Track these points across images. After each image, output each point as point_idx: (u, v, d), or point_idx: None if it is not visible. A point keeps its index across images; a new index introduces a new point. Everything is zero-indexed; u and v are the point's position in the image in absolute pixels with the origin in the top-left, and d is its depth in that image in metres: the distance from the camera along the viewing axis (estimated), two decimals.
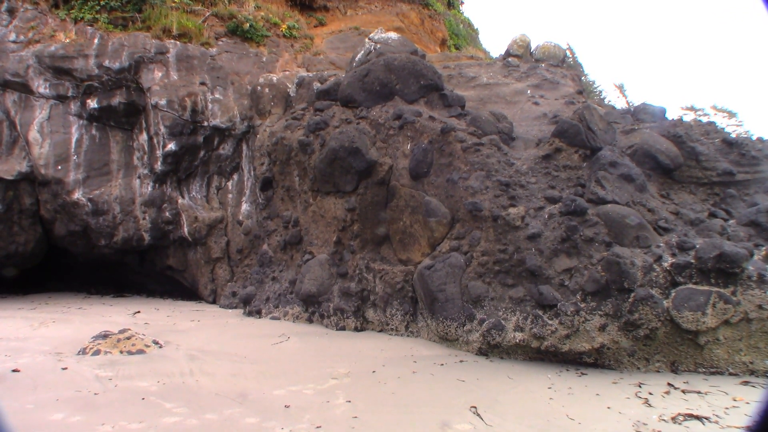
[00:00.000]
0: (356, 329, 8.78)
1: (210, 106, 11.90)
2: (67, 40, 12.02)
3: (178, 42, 12.40)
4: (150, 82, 11.88)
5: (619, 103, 26.03)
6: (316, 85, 11.13)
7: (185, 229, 12.01)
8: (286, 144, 10.43)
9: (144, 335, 7.38)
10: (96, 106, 11.92)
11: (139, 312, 10.40)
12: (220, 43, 13.12)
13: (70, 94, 11.97)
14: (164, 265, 12.93)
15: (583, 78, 22.24)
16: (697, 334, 6.44)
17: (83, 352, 6.79)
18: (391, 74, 9.66)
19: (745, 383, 6.10)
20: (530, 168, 8.28)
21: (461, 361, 6.91)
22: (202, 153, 12.13)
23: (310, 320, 9.39)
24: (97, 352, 6.73)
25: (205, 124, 11.85)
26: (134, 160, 12.28)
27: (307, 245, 10.02)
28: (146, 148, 12.13)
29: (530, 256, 7.09)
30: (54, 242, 12.71)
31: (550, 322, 6.68)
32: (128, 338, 7.10)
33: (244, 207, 12.12)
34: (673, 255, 6.82)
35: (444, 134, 8.58)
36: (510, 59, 13.72)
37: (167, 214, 12.13)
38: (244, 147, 12.26)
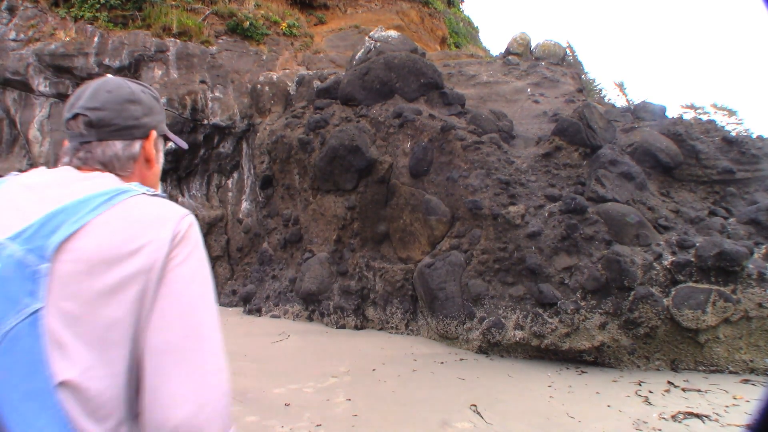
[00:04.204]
0: (356, 327, 8.78)
1: (210, 104, 11.89)
2: (67, 39, 12.00)
3: (178, 40, 12.39)
4: (150, 80, 11.85)
5: (619, 102, 26.01)
6: (316, 83, 11.12)
7: None
8: (286, 142, 10.43)
9: None
10: None
11: None
12: (220, 41, 13.11)
13: (70, 92, 11.95)
14: None
15: (583, 76, 22.21)
16: (697, 332, 6.44)
17: None
18: (391, 72, 9.65)
19: (746, 381, 6.10)
20: (530, 166, 8.28)
21: (461, 360, 6.92)
22: (202, 151, 12.13)
23: (310, 318, 9.39)
24: None
25: (205, 122, 11.85)
26: None
27: (307, 243, 10.02)
28: None
29: (530, 254, 7.09)
30: None
31: (550, 320, 6.68)
32: None
33: (244, 205, 12.12)
34: (673, 253, 6.82)
35: (444, 132, 8.57)
36: (510, 57, 13.71)
37: None
38: (244, 145, 12.26)
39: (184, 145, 1.49)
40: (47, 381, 0.89)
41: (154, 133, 1.26)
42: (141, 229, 1.00)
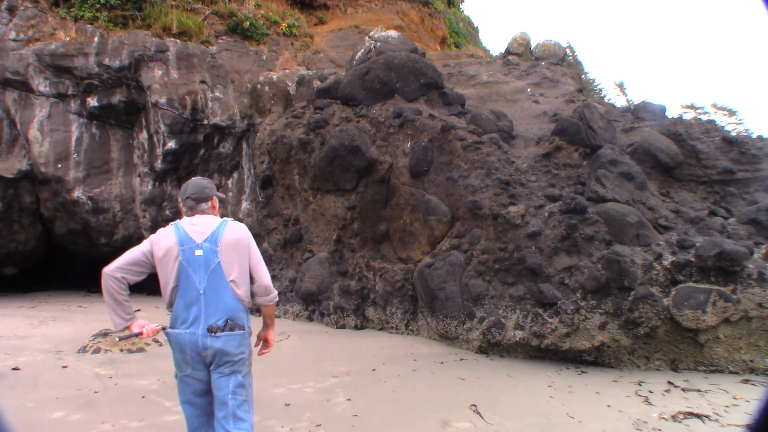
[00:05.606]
0: (356, 327, 8.79)
1: (210, 104, 11.88)
2: (68, 39, 12.00)
3: (178, 40, 12.38)
4: (150, 80, 11.86)
5: (619, 102, 26.00)
6: (317, 83, 11.12)
7: None
8: (286, 142, 10.42)
9: None
10: (96, 104, 11.91)
11: (138, 310, 10.31)
12: (220, 41, 13.10)
13: (70, 92, 11.96)
14: None
15: (583, 76, 22.22)
16: (697, 332, 6.44)
17: (83, 350, 6.79)
18: (391, 72, 9.64)
19: (745, 381, 6.10)
20: (530, 166, 8.27)
21: (461, 360, 6.92)
22: (202, 151, 12.13)
23: (310, 318, 9.39)
24: (97, 351, 6.74)
25: (205, 122, 11.84)
26: (134, 159, 12.27)
27: (307, 243, 10.02)
28: (146, 147, 12.12)
29: (530, 254, 7.09)
30: (54, 240, 12.70)
31: (550, 320, 6.68)
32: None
33: (244, 205, 12.12)
34: (673, 253, 6.82)
35: (444, 132, 8.57)
36: (510, 57, 13.71)
37: (167, 212, 12.11)
38: (244, 145, 12.25)
39: (222, 197, 3.58)
40: (226, 280, 3.12)
41: (214, 197, 3.33)
42: (238, 232, 3.20)
